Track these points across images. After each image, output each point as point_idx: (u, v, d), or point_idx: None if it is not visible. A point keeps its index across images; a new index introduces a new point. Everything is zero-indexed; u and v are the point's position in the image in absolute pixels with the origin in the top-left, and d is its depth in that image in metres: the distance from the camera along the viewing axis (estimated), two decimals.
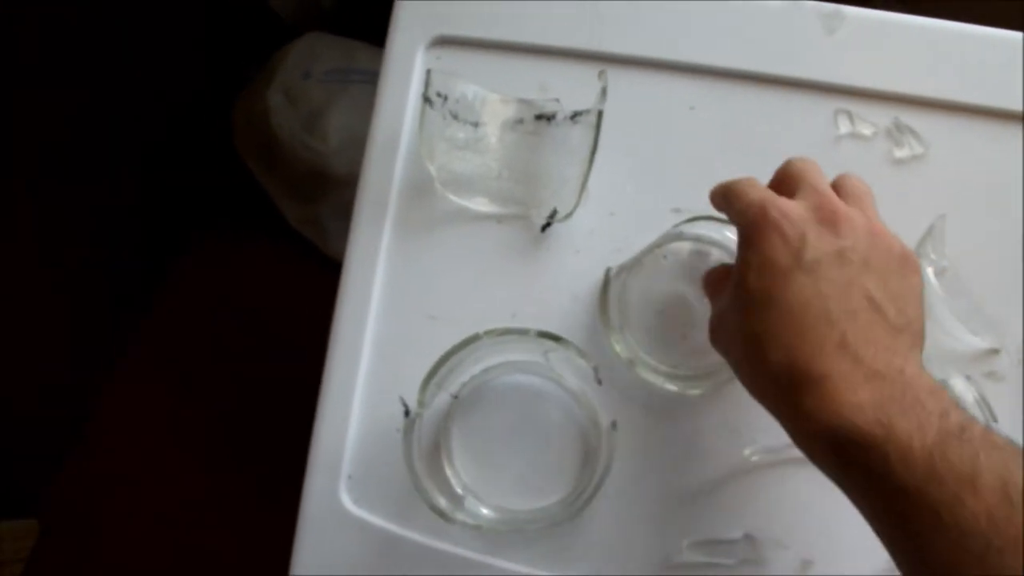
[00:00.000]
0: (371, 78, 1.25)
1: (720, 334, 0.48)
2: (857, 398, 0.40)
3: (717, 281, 0.53)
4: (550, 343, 0.53)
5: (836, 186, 0.48)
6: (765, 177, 0.60)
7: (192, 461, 1.42)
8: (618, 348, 0.57)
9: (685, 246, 0.59)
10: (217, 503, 1.38)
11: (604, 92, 0.55)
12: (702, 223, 0.57)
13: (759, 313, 0.43)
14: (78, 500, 1.42)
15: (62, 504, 1.42)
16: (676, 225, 0.58)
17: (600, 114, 0.55)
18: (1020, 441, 0.44)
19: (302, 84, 1.25)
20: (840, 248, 0.43)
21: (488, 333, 0.52)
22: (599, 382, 0.53)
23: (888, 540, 0.40)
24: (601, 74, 0.56)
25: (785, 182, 0.48)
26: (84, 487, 1.42)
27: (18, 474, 1.35)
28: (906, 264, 0.45)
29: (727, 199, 0.48)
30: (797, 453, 0.56)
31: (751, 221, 0.44)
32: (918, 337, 0.44)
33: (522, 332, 0.53)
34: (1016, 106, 0.62)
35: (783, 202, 0.45)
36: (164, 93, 1.31)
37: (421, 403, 0.53)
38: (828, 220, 0.44)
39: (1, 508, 1.33)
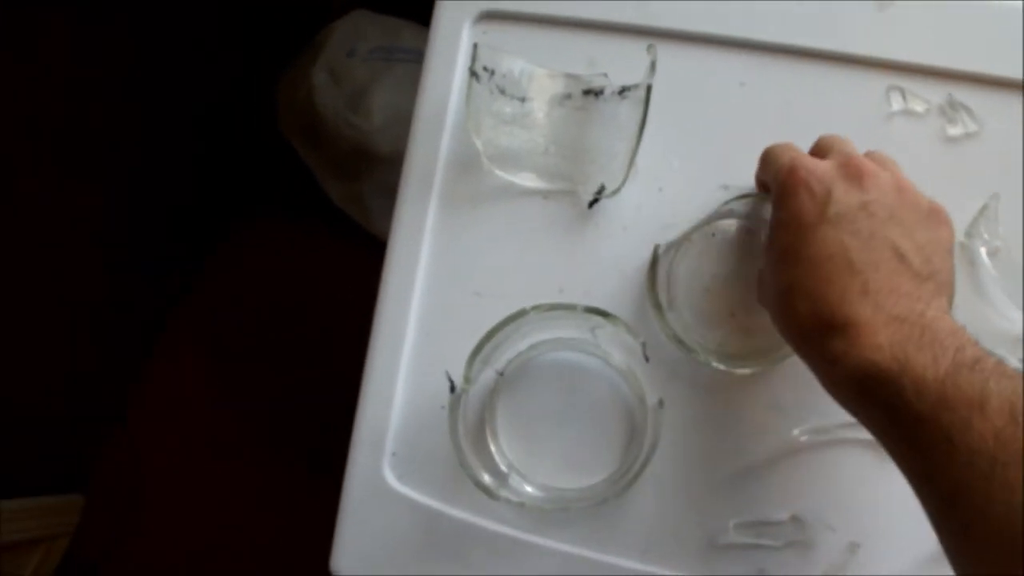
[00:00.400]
0: (416, 56, 1.25)
1: (761, 292, 0.52)
2: (877, 340, 0.41)
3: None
4: (598, 319, 0.52)
5: (864, 155, 0.50)
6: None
7: (234, 440, 1.43)
8: (666, 325, 0.57)
9: (734, 223, 0.59)
10: (259, 483, 1.38)
11: (653, 66, 0.55)
12: (750, 200, 0.57)
13: (788, 267, 0.45)
14: (122, 477, 1.43)
15: (106, 480, 1.43)
16: (725, 202, 0.58)
17: (649, 89, 0.55)
18: None
19: (346, 62, 1.24)
20: (864, 201, 0.45)
21: (535, 308, 0.52)
22: (647, 359, 0.53)
23: (905, 469, 0.42)
24: (650, 48, 0.55)
25: (816, 153, 0.51)
26: (127, 464, 1.43)
27: (63, 451, 1.37)
28: (934, 217, 0.47)
29: (763, 164, 0.52)
30: (847, 434, 0.56)
31: (781, 181, 0.47)
32: (944, 286, 0.45)
33: (570, 308, 0.52)
34: None
35: (810, 160, 0.47)
36: (208, 74, 1.31)
37: (467, 379, 0.52)
38: (854, 175, 0.46)
39: (47, 483, 1.35)
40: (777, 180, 0.48)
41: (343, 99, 1.24)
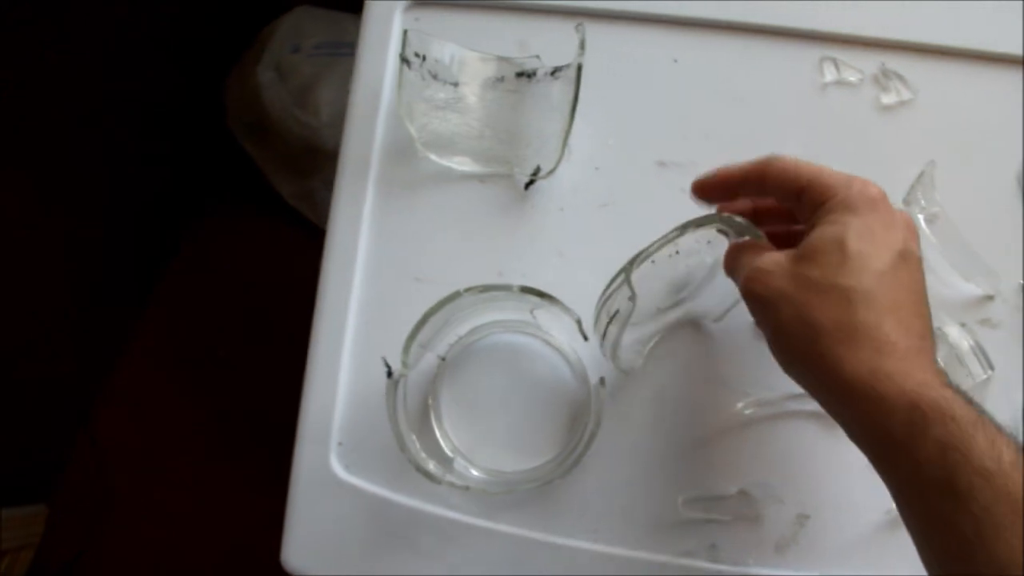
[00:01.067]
0: None
1: (773, 281, 0.45)
2: (942, 380, 0.41)
3: (748, 248, 0.50)
4: (534, 299, 0.52)
5: None
6: (753, 127, 0.60)
7: (200, 444, 1.43)
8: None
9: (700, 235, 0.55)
10: (227, 486, 1.39)
11: (582, 45, 0.55)
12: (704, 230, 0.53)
13: (857, 271, 0.42)
14: (87, 485, 1.43)
15: (71, 489, 1.43)
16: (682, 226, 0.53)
17: (579, 68, 0.55)
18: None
19: (292, 59, 1.25)
20: (920, 257, 0.45)
21: (469, 290, 0.52)
22: (585, 337, 0.53)
23: (935, 516, 0.39)
24: (578, 27, 0.55)
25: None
26: (92, 472, 1.43)
27: (26, 462, 1.37)
28: None
29: (792, 175, 0.47)
30: (792, 406, 0.56)
31: (855, 191, 0.45)
32: None
33: (504, 288, 0.52)
34: (1006, 49, 0.61)
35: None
36: (152, 77, 1.31)
37: (404, 364, 0.52)
38: (910, 226, 0.45)
39: (10, 495, 1.34)
40: (847, 190, 0.45)
41: (290, 96, 1.24)
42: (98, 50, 1.17)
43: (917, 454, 0.39)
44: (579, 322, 0.52)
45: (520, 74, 0.58)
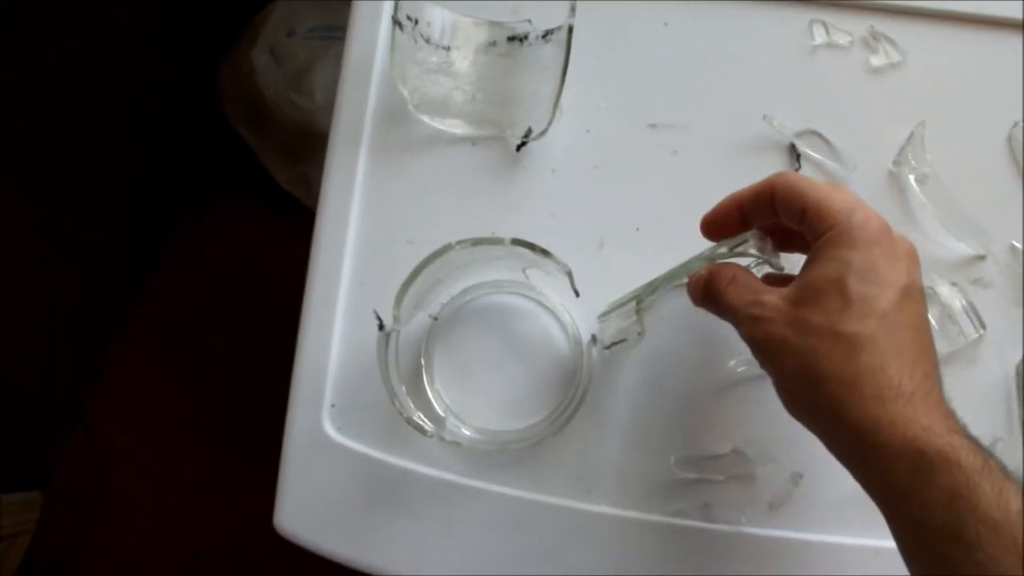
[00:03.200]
0: None
1: (774, 328, 0.45)
2: (949, 424, 0.40)
3: (733, 281, 0.49)
4: (525, 252, 0.53)
5: None
6: (743, 90, 0.61)
7: (194, 433, 1.44)
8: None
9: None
10: (221, 474, 1.39)
11: (573, 8, 0.56)
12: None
13: (859, 316, 0.42)
14: (82, 472, 1.44)
15: (67, 476, 1.44)
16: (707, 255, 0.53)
17: (571, 29, 0.56)
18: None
19: (287, 43, 1.26)
20: (921, 288, 0.44)
21: (460, 243, 0.53)
22: (576, 293, 0.54)
23: (941, 564, 0.39)
24: None
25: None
26: (87, 460, 1.44)
27: (22, 448, 1.38)
28: None
29: (797, 195, 0.45)
30: None
31: (856, 223, 0.43)
32: None
33: (495, 241, 0.53)
34: (996, 12, 0.63)
35: (883, 219, 0.44)
36: (148, 63, 1.32)
37: (396, 318, 0.53)
38: (912, 256, 0.45)
39: (7, 481, 1.35)
40: (844, 218, 0.43)
41: (285, 80, 1.26)
42: (95, 42, 1.19)
43: (923, 502, 0.39)
44: (570, 274, 0.53)
45: (512, 38, 0.59)
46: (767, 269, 0.50)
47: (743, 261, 0.51)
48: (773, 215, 0.47)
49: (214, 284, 1.50)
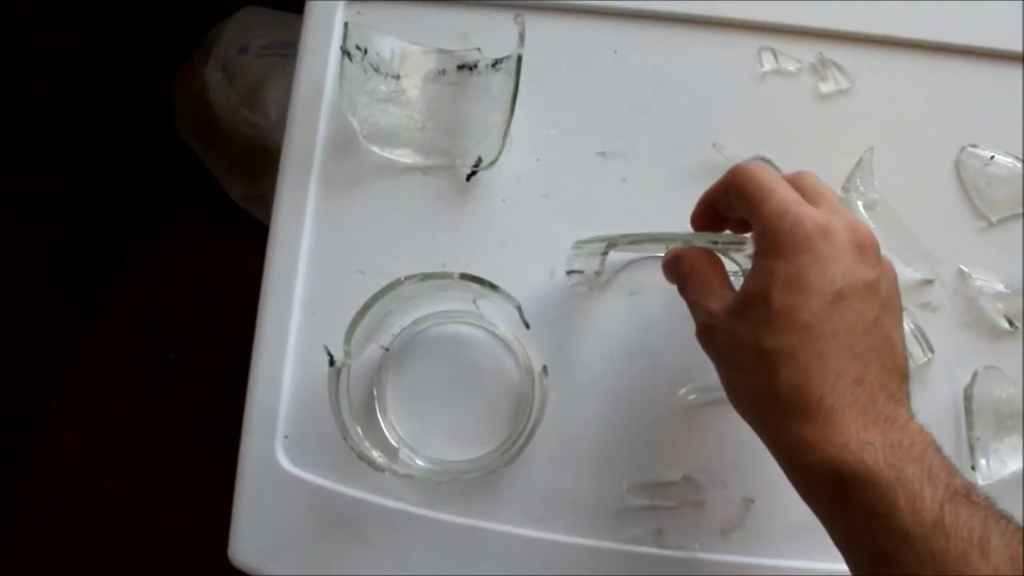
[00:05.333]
0: None
1: (717, 337, 0.46)
2: (868, 436, 0.40)
3: (692, 273, 0.50)
4: (475, 286, 0.55)
5: (797, 187, 0.46)
6: (693, 117, 0.62)
7: (151, 450, 1.44)
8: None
9: None
10: (183, 489, 1.40)
11: (522, 37, 0.57)
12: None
13: (780, 330, 0.42)
14: (39, 495, 1.44)
15: (23, 499, 1.44)
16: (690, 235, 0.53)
17: (519, 59, 0.58)
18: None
19: (240, 60, 1.27)
20: (870, 280, 0.43)
21: (410, 278, 0.54)
22: (527, 325, 0.55)
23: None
24: (517, 18, 0.58)
25: (798, 189, 0.46)
26: (44, 481, 1.44)
27: None
28: (899, 299, 0.46)
29: (744, 192, 0.45)
30: None
31: (785, 229, 0.42)
32: (907, 381, 0.44)
33: (445, 276, 0.54)
34: (942, 38, 0.64)
35: (820, 215, 0.43)
36: (99, 80, 1.32)
37: (347, 353, 0.54)
38: (861, 246, 0.43)
39: None
40: (775, 225, 0.43)
41: (238, 97, 1.26)
42: (41, 51, 1.19)
43: (845, 522, 0.40)
44: (519, 308, 0.54)
45: (461, 67, 0.61)
46: None
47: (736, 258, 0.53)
48: (730, 208, 0.48)
49: (171, 300, 1.50)
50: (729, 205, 0.48)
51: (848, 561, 0.42)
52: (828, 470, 0.40)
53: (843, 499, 0.40)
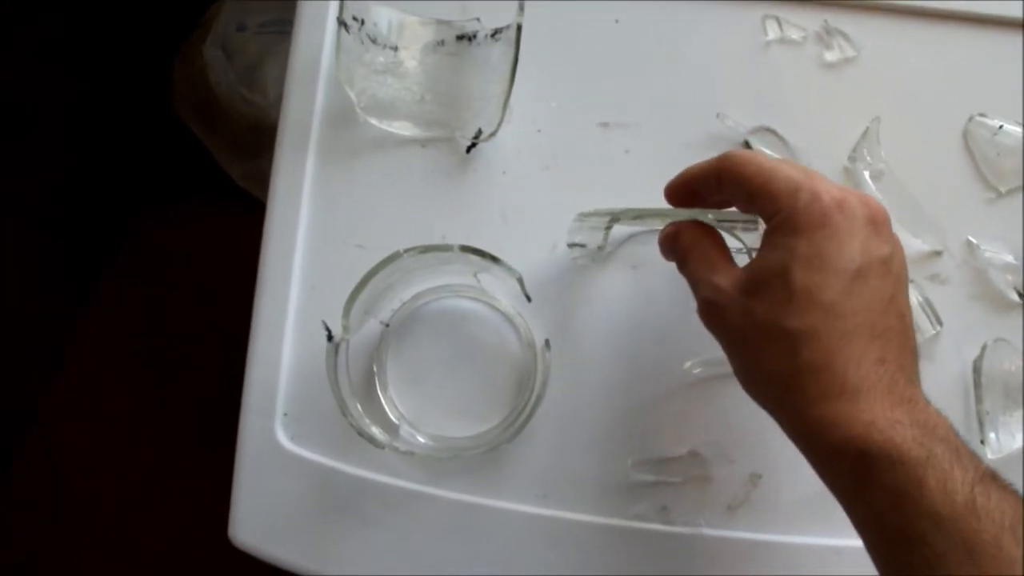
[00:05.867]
0: None
1: (726, 315, 0.45)
2: (895, 415, 0.39)
3: (694, 248, 0.49)
4: (475, 259, 0.54)
5: None
6: (696, 87, 0.62)
7: (150, 436, 1.44)
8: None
9: None
10: (183, 476, 1.40)
11: (522, 6, 0.57)
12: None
13: (801, 310, 0.41)
14: (39, 483, 1.44)
15: (22, 488, 1.44)
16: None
17: (519, 28, 0.57)
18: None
19: (238, 38, 1.26)
20: (885, 256, 0.42)
21: (409, 250, 0.53)
22: (528, 298, 0.55)
23: (896, 564, 0.40)
24: None
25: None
26: (44, 470, 1.44)
27: None
28: (907, 274, 0.45)
29: (742, 176, 0.44)
30: None
31: (801, 205, 0.42)
32: (918, 362, 0.44)
33: (445, 248, 0.54)
34: (949, 6, 0.63)
35: (834, 188, 0.42)
36: (97, 61, 1.31)
37: (345, 328, 0.54)
38: (875, 220, 0.43)
39: None
40: (790, 201, 0.42)
41: (237, 75, 1.26)
42: (36, 33, 1.18)
43: (870, 502, 0.40)
44: (521, 281, 0.53)
45: (460, 37, 0.60)
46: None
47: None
48: (720, 195, 0.47)
49: (171, 281, 1.50)
50: (712, 189, 0.47)
51: (870, 543, 0.41)
52: (853, 449, 0.39)
53: (868, 479, 0.39)
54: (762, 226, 0.47)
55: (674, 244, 0.50)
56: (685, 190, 0.49)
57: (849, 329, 0.40)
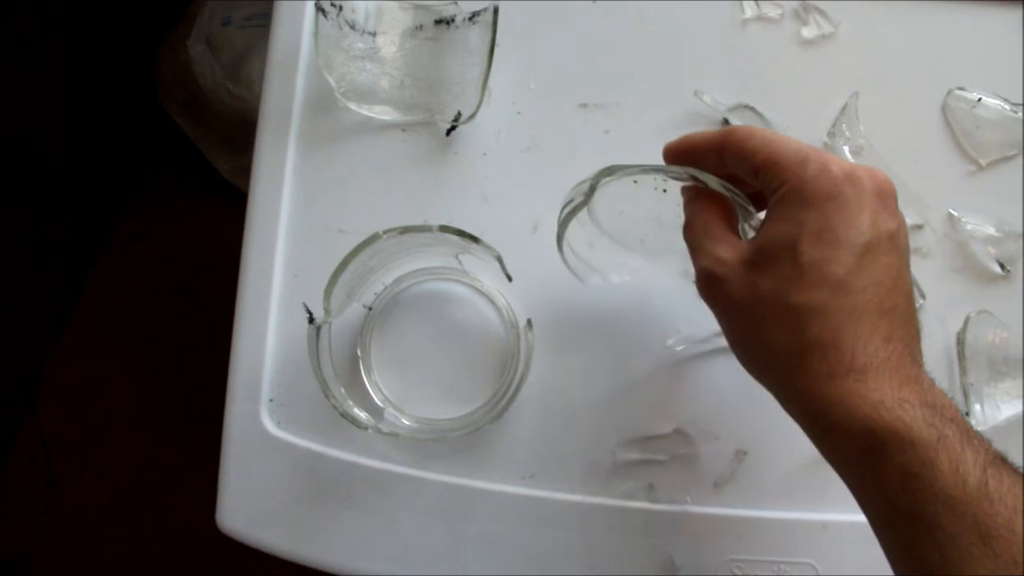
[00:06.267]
0: None
1: (729, 288, 0.44)
2: (903, 394, 0.38)
3: (703, 213, 0.47)
4: (455, 239, 0.54)
5: None
6: (675, 66, 0.62)
7: (143, 426, 1.45)
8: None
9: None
10: (177, 466, 1.40)
11: None
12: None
13: (809, 285, 0.40)
14: (33, 473, 1.44)
15: (17, 477, 1.44)
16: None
17: (496, 10, 0.57)
18: None
19: (223, 31, 1.26)
20: (892, 231, 0.41)
21: (388, 232, 0.54)
22: (509, 277, 0.55)
23: (905, 545, 0.39)
24: None
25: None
26: (38, 459, 1.45)
27: None
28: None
29: (746, 150, 0.43)
30: (722, 342, 0.58)
31: (809, 176, 0.40)
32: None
33: (423, 229, 0.54)
34: None
35: (842, 161, 0.41)
36: (82, 55, 1.32)
37: (327, 310, 0.54)
38: (883, 193, 0.42)
39: None
40: (800, 173, 0.41)
41: (222, 69, 1.26)
42: (20, 27, 1.18)
43: (879, 483, 0.38)
44: (500, 259, 0.54)
45: (439, 21, 0.60)
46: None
47: None
48: (722, 168, 0.45)
49: (159, 271, 1.51)
50: (714, 164, 0.46)
51: (877, 524, 0.40)
52: (863, 429, 0.38)
53: (878, 459, 0.38)
54: (759, 215, 0.47)
55: (688, 205, 0.48)
56: (685, 158, 0.47)
57: (859, 305, 0.39)
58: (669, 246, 0.53)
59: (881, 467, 0.38)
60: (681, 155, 0.47)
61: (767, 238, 0.42)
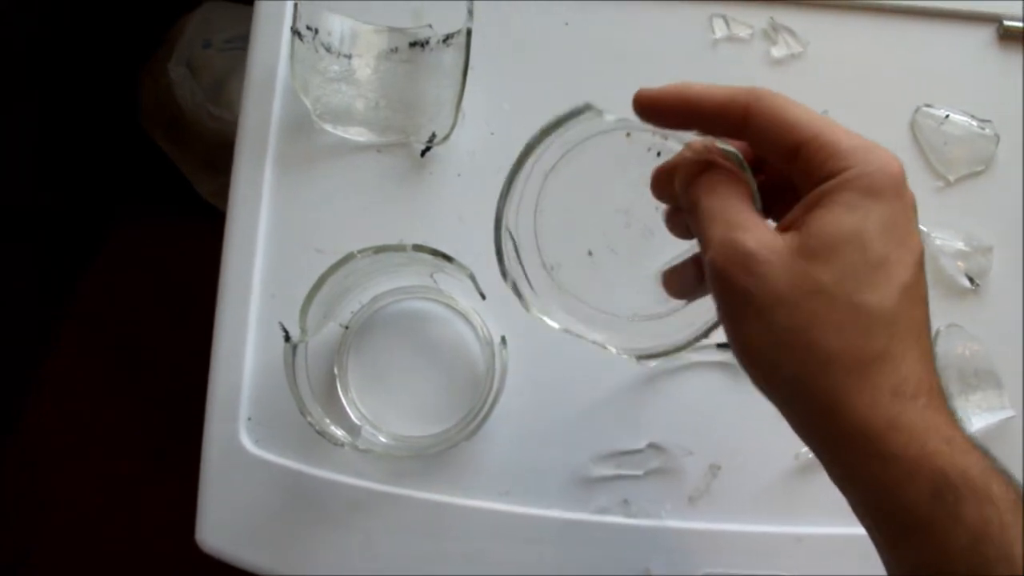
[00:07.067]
0: None
1: (767, 272, 0.35)
2: (955, 434, 0.33)
3: (720, 187, 0.38)
4: (428, 258, 0.55)
5: None
6: (647, 85, 0.63)
7: (128, 440, 1.46)
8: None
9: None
10: (161, 480, 1.41)
11: (470, 11, 0.58)
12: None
13: (881, 284, 0.34)
14: (18, 490, 1.45)
15: (2, 492, 1.45)
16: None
17: (469, 33, 0.58)
18: None
19: (203, 54, 1.27)
20: (922, 248, 0.36)
21: (363, 251, 0.55)
22: (482, 295, 0.56)
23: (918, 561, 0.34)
24: None
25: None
26: (23, 478, 1.45)
27: None
28: None
29: (783, 122, 0.37)
30: (696, 356, 0.59)
31: (875, 166, 0.35)
32: None
33: (398, 248, 0.55)
34: (890, 2, 0.65)
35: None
36: (62, 79, 1.33)
37: (303, 329, 0.55)
38: (915, 206, 0.37)
39: None
40: (866, 157, 0.35)
41: (203, 91, 1.27)
42: (10, 56, 1.20)
43: (941, 539, 0.32)
44: (472, 277, 0.55)
45: (413, 44, 0.61)
46: None
47: None
48: (735, 135, 0.38)
49: (142, 293, 1.52)
50: (730, 128, 0.39)
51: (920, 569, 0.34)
52: (931, 468, 0.32)
53: (948, 512, 0.32)
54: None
55: (681, 180, 0.40)
56: (677, 114, 0.40)
57: (921, 320, 0.35)
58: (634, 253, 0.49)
59: (951, 521, 0.32)
60: (673, 108, 0.40)
61: (828, 226, 0.34)
